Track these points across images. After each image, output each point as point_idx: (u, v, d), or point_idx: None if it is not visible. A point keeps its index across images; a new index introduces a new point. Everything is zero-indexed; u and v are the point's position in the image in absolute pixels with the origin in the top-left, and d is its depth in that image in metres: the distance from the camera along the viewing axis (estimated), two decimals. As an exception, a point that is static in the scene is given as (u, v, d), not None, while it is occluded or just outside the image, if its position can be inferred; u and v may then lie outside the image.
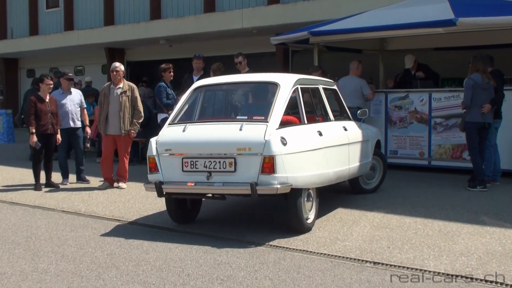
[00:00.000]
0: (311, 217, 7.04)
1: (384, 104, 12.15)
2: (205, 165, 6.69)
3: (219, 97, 8.38)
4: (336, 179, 7.82)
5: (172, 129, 7.15)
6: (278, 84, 7.21)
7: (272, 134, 6.53)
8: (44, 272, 5.50)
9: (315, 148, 7.17)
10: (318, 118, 7.87)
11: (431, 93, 11.64)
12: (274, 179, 6.44)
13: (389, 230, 6.98)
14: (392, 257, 5.83)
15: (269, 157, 6.42)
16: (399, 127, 11.99)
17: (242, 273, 5.39)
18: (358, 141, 8.57)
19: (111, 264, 5.71)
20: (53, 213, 8.32)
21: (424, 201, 8.76)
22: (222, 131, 6.88)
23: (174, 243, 6.55)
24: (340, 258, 5.86)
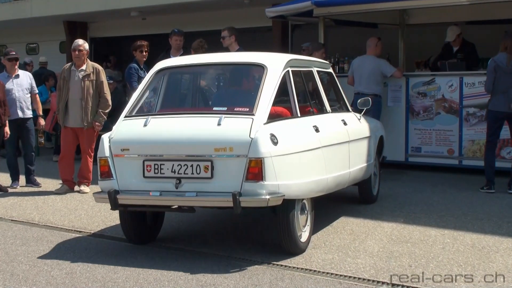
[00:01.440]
0: (305, 234, 6.74)
1: (404, 90, 12.12)
2: (173, 170, 6.34)
3: (189, 83, 8.10)
4: (335, 186, 7.51)
5: (130, 123, 6.79)
6: (265, 66, 6.86)
7: (260, 131, 6.19)
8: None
9: (312, 148, 6.86)
10: (313, 109, 7.57)
11: (462, 76, 11.59)
12: (262, 188, 6.09)
13: (410, 244, 6.98)
14: (415, 278, 5.80)
15: (256, 160, 6.06)
16: (423, 118, 11.96)
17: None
18: (360, 138, 8.35)
19: (71, 286, 5.70)
20: (0, 223, 8.30)
21: (453, 209, 8.77)
22: (195, 125, 6.54)
23: (148, 260, 6.54)
24: (351, 279, 5.86)
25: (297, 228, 6.49)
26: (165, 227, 7.55)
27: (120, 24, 21.69)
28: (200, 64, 7.74)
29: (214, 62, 7.77)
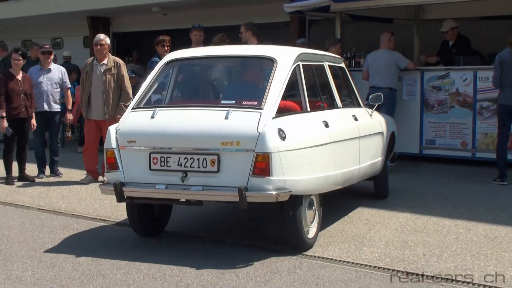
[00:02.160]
0: (312, 230, 6.49)
1: (419, 84, 12.11)
2: (179, 163, 6.09)
3: (198, 75, 7.77)
4: (344, 182, 7.20)
5: (137, 115, 6.55)
6: (275, 60, 6.57)
7: (268, 125, 5.93)
8: (18, 280, 5.55)
9: (321, 144, 6.54)
10: (323, 104, 7.24)
11: (476, 71, 11.56)
12: (269, 183, 5.84)
13: (425, 234, 7.00)
14: (429, 267, 5.81)
15: (264, 155, 5.80)
16: (438, 112, 11.95)
17: (251, 283, 5.43)
18: (371, 134, 8.02)
19: (96, 272, 5.75)
20: (28, 212, 8.37)
21: (467, 200, 8.77)
22: (202, 119, 6.25)
23: (170, 247, 6.59)
24: (367, 267, 5.87)
25: (304, 225, 6.26)
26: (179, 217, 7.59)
27: (142, 19, 21.72)
28: (209, 56, 7.48)
29: (223, 54, 7.51)
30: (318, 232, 6.60)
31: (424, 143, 12.05)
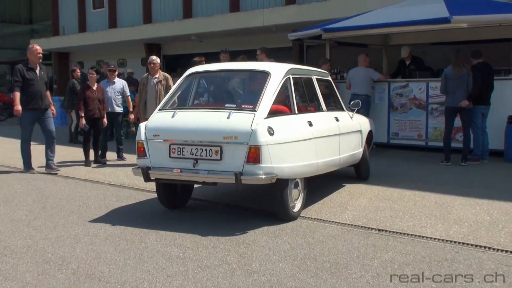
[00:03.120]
0: (298, 205, 6.27)
1: (387, 92, 12.14)
2: (191, 152, 5.92)
3: (211, 84, 7.46)
4: (326, 168, 6.90)
5: (162, 114, 6.37)
6: (269, 73, 6.34)
7: (259, 124, 5.72)
8: (94, 236, 5.57)
9: (304, 139, 6.28)
10: (310, 108, 6.97)
11: (428, 82, 11.60)
12: (259, 169, 5.64)
13: (391, 201, 6.98)
14: (395, 225, 5.84)
15: (255, 147, 5.62)
16: (400, 112, 11.95)
17: (265, 238, 5.42)
18: (350, 132, 7.66)
19: (152, 230, 5.78)
20: (101, 186, 8.40)
21: (422, 176, 8.74)
22: (209, 118, 6.04)
23: (208, 211, 6.60)
24: (349, 226, 5.88)
25: (289, 201, 6.05)
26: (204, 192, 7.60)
27: (184, 45, 21.76)
28: (219, 70, 7.22)
29: (230, 69, 7.25)
30: (302, 208, 6.35)
31: (391, 135, 12.05)
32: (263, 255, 4.89)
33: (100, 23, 25.49)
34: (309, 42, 14.89)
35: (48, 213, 6.54)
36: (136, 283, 4.20)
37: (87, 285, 4.16)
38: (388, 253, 4.91)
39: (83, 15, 26.76)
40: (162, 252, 4.87)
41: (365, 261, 4.71)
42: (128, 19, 24.00)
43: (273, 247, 5.13)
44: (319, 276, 4.34)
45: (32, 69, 9.44)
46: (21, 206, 6.88)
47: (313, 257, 4.82)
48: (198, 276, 4.37)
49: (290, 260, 4.75)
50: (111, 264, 4.63)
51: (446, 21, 10.32)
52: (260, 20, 17.07)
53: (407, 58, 12.73)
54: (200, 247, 5.13)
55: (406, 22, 11.14)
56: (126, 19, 24.21)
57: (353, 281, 4.23)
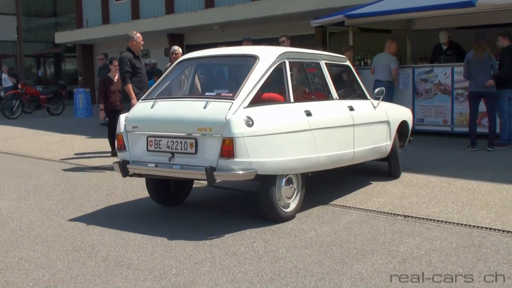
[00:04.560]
0: (292, 205, 5.67)
1: (411, 77, 12.06)
2: (167, 145, 5.42)
3: (199, 72, 6.80)
4: (332, 163, 6.22)
5: (143, 105, 5.88)
6: (257, 57, 5.71)
7: (236, 113, 5.13)
8: (121, 224, 5.64)
9: (297, 130, 5.62)
10: (314, 96, 6.27)
11: (453, 67, 11.46)
12: (234, 164, 5.07)
13: (417, 188, 6.94)
14: (421, 211, 5.81)
15: (229, 139, 5.03)
16: (425, 98, 11.86)
17: (290, 224, 5.44)
18: (370, 122, 6.86)
19: (179, 217, 5.83)
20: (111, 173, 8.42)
21: (448, 162, 8.67)
22: (186, 108, 5.50)
23: (232, 198, 6.62)
24: (375, 212, 5.86)
25: (277, 199, 5.45)
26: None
27: (206, 35, 21.80)
28: (208, 56, 6.48)
29: (219, 54, 6.49)
30: (298, 208, 5.76)
31: (416, 121, 11.89)
32: (289, 241, 4.91)
33: (123, 15, 25.65)
34: (332, 28, 14.84)
35: (77, 203, 6.63)
36: (164, 270, 4.25)
37: (116, 272, 4.22)
38: (415, 239, 4.90)
39: (106, 7, 26.95)
40: (189, 240, 4.92)
41: (391, 247, 4.71)
42: (151, 10, 24.10)
43: (299, 233, 5.14)
44: (345, 262, 4.35)
45: (138, 57, 9.04)
46: (50, 196, 6.99)
47: (339, 243, 4.83)
48: (225, 262, 4.40)
49: (316, 246, 4.76)
50: (139, 252, 4.69)
51: (470, 4, 10.22)
52: (282, 8, 17.01)
53: (445, 43, 12.49)
54: (226, 234, 5.16)
55: (429, 6, 11.06)
56: (149, 10, 24.31)
57: (380, 267, 4.23)
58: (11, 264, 4.47)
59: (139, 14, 24.81)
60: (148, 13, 24.04)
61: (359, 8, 12.55)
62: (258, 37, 16.88)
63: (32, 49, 35.32)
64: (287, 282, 3.97)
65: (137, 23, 23.10)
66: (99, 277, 4.12)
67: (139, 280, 4.06)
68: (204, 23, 19.91)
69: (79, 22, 28.45)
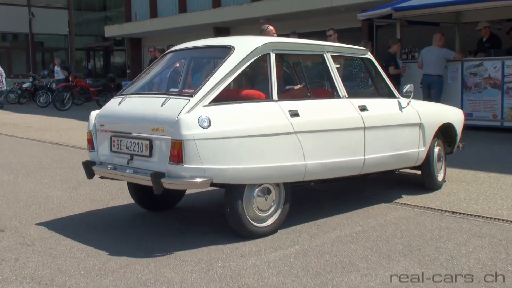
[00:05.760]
0: (269, 220, 4.94)
1: (460, 71, 11.83)
2: (127, 146, 4.92)
3: (176, 65, 6.22)
4: (330, 172, 5.37)
5: (113, 101, 5.40)
6: (232, 48, 5.01)
7: (191, 113, 4.50)
8: (168, 216, 5.67)
9: (275, 133, 4.83)
10: (311, 93, 5.47)
11: (504, 60, 11.23)
12: (184, 171, 4.44)
13: (465, 183, 6.82)
14: (469, 208, 5.71)
15: (178, 142, 4.41)
16: (474, 92, 11.63)
17: (335, 219, 5.41)
18: (392, 125, 5.93)
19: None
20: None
21: (497, 158, 8.50)
22: (145, 106, 4.95)
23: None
24: (422, 208, 5.78)
25: (245, 212, 4.76)
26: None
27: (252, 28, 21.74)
28: (188, 48, 5.83)
29: (197, 46, 5.79)
30: (281, 221, 5.03)
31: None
32: (334, 236, 4.89)
33: (170, 8, 25.89)
34: (379, 22, 14.67)
35: (125, 194, 6.72)
36: (210, 262, 4.29)
37: (164, 263, 4.28)
38: (463, 236, 4.81)
39: (154, 0, 27.25)
40: (234, 233, 4.94)
41: (439, 243, 4.64)
42: (197, 4, 24.26)
43: (344, 228, 5.11)
44: (392, 258, 4.30)
45: None
46: (100, 186, 7.12)
47: (385, 239, 4.78)
48: (270, 256, 4.41)
49: (361, 241, 4.73)
50: (186, 243, 4.74)
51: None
52: (329, 1, 16.91)
53: (482, 33, 12.27)
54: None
55: (479, -2, 10.84)
56: (195, 3, 24.48)
57: (427, 263, 4.17)
58: (64, 252, 4.58)
59: (186, 8, 25.00)
60: (195, 7, 24.20)
61: (407, 1, 12.37)
62: (305, 30, 16.82)
63: (83, 42, 36.04)
64: (332, 277, 3.95)
65: (183, 17, 23.32)
66: (147, 267, 4.18)
67: (186, 271, 4.10)
68: (250, 16, 19.93)
69: (128, 15, 28.86)
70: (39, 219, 5.65)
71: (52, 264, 4.28)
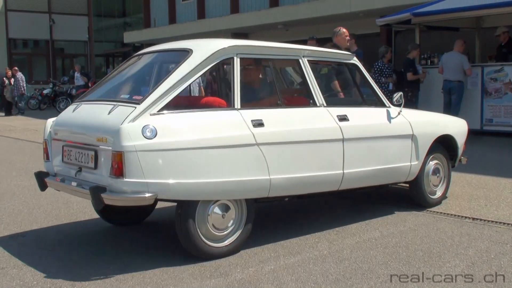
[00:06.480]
0: (228, 239, 4.55)
1: (480, 77, 11.73)
2: (75, 157, 4.57)
3: (135, 70, 5.53)
4: (301, 188, 4.93)
5: (70, 108, 5.03)
6: (190, 51, 4.62)
7: (135, 122, 4.13)
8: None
9: (233, 144, 4.42)
10: (281, 102, 4.99)
11: (525, 66, 11.11)
12: (125, 185, 4.07)
13: (486, 190, 6.75)
14: (490, 214, 5.66)
15: (118, 154, 4.04)
16: (495, 97, 11.52)
17: (354, 225, 5.39)
18: (378, 136, 5.42)
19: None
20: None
21: (518, 164, 8.41)
22: (94, 113, 4.57)
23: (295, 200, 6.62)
24: (442, 214, 5.74)
25: (197, 230, 4.36)
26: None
27: (271, 34, 21.83)
28: (147, 52, 5.45)
29: (158, 50, 5.41)
30: (242, 241, 4.64)
31: (484, 121, 11.64)
32: (353, 242, 4.87)
33: (189, 15, 26.02)
34: (398, 27, 14.62)
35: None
36: (229, 267, 4.30)
37: (183, 268, 4.28)
38: (484, 243, 4.77)
39: (173, 7, 27.41)
40: (253, 238, 4.94)
41: (459, 250, 4.60)
42: (216, 10, 24.35)
43: (363, 234, 5.09)
44: (412, 265, 4.27)
45: None
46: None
47: (405, 245, 4.76)
48: (289, 262, 4.41)
49: (381, 248, 4.70)
50: (205, 249, 4.75)
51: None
52: (348, 6, 16.87)
53: (501, 38, 12.19)
54: (290, 233, 5.15)
55: (501, 3, 10.76)
56: (214, 9, 24.57)
57: (447, 270, 4.13)
58: (83, 257, 4.61)
59: (204, 14, 25.12)
60: (214, 13, 24.30)
61: (426, 6, 12.32)
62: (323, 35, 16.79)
63: (102, 48, 36.33)
64: (352, 283, 3.94)
65: (202, 23, 23.41)
66: (166, 273, 4.20)
67: (205, 277, 4.11)
68: (269, 22, 19.96)
69: (147, 22, 29.06)
70: (60, 224, 5.70)
71: (73, 270, 4.32)
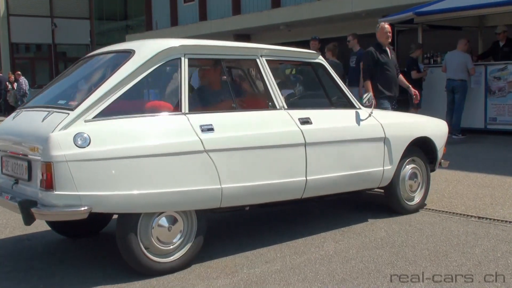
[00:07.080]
0: (176, 254, 4.25)
1: (483, 75, 11.69)
2: (12, 168, 4.26)
3: (79, 73, 5.11)
4: (258, 197, 4.62)
5: (12, 115, 4.68)
6: (132, 52, 4.31)
7: (67, 129, 3.81)
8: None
9: (178, 152, 4.10)
10: (236, 105, 4.68)
11: (529, 64, 11.10)
12: (55, 198, 3.73)
13: (491, 188, 6.75)
14: (495, 213, 5.65)
15: (47, 164, 3.72)
16: (498, 96, 11.49)
17: (360, 225, 5.40)
18: (346, 140, 5.12)
19: (250, 218, 5.86)
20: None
21: (523, 162, 8.40)
22: (29, 121, 4.24)
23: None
24: (447, 213, 5.73)
25: (140, 245, 4.04)
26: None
27: (273, 35, 21.84)
28: (93, 55, 5.06)
29: (100, 52, 4.98)
30: (192, 256, 4.34)
31: (488, 120, 11.61)
32: (359, 242, 4.87)
33: (191, 16, 26.05)
34: (400, 26, 14.61)
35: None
36: (235, 268, 4.30)
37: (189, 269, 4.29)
38: (490, 241, 4.76)
39: (174, 9, 27.46)
40: (259, 239, 4.95)
41: (466, 249, 4.59)
42: (218, 11, 24.37)
43: (369, 234, 5.09)
44: (418, 264, 4.27)
45: (385, 51, 8.14)
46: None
47: (411, 244, 4.75)
48: (295, 262, 4.41)
49: (387, 247, 4.70)
50: (211, 250, 4.76)
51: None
52: (349, 6, 16.87)
53: (501, 37, 12.15)
54: (296, 234, 5.15)
55: (503, 1, 10.76)
56: (216, 11, 24.59)
57: (454, 269, 4.13)
58: (89, 261, 4.62)
59: (206, 16, 25.14)
60: (215, 14, 24.33)
61: (429, 5, 12.32)
62: (326, 36, 16.80)
63: (104, 51, 36.31)
64: (358, 283, 3.94)
65: (204, 24, 23.43)
66: (172, 274, 4.20)
67: (212, 278, 4.12)
68: (271, 23, 19.96)
69: (149, 24, 29.11)
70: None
71: (79, 273, 4.32)
